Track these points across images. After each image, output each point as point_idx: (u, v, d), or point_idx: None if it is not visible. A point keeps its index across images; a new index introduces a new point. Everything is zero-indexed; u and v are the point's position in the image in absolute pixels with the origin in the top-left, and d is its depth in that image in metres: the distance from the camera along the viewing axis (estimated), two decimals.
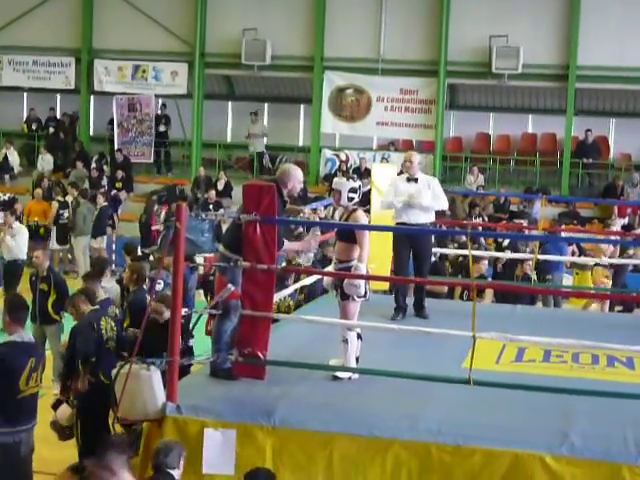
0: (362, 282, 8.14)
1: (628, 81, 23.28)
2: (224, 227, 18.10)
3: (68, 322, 11.10)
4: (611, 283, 16.05)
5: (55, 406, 9.04)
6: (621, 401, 7.18)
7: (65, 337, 10.48)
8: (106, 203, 21.80)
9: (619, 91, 24.23)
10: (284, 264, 10.41)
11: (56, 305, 12.18)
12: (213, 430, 7.02)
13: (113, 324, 9.05)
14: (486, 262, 14.17)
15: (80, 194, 22.07)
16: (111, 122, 26.81)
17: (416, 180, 10.76)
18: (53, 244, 21.71)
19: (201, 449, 6.99)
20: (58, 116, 28.17)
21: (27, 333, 7.67)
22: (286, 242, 8.34)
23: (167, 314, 8.18)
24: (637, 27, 22.79)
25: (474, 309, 6.89)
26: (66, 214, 21.63)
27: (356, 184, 8.50)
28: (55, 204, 21.96)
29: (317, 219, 17.41)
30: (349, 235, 8.31)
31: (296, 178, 8.09)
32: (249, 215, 7.31)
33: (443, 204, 10.96)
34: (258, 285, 7.40)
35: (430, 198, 10.69)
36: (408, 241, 10.77)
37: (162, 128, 26.54)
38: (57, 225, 21.73)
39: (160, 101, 26.94)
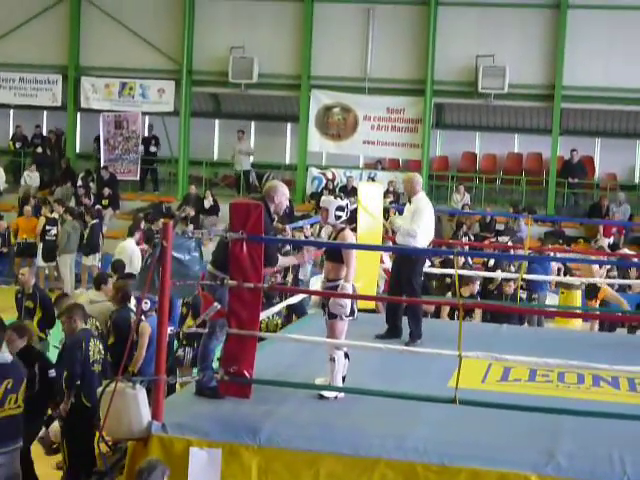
0: (348, 302, 8.13)
1: (613, 101, 23.43)
2: (209, 246, 18.21)
3: (55, 338, 11.08)
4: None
5: (47, 423, 9.01)
6: (607, 420, 7.18)
7: (50, 354, 10.43)
8: (97, 220, 21.71)
9: (604, 111, 24.39)
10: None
11: (41, 323, 12.05)
12: (198, 449, 6.99)
13: (101, 347, 8.99)
14: (478, 282, 14.18)
15: (66, 211, 21.99)
16: (97, 139, 26.82)
17: (410, 202, 10.83)
18: (39, 261, 21.60)
19: (186, 468, 6.95)
20: (44, 133, 28.14)
21: (4, 355, 7.59)
22: (280, 257, 8.33)
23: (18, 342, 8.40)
24: (622, 48, 22.95)
25: (460, 328, 6.89)
26: (54, 231, 21.54)
27: (344, 202, 8.52)
28: (42, 220, 21.88)
29: (303, 237, 17.42)
30: (337, 254, 8.31)
31: (283, 194, 8.11)
32: (236, 233, 7.31)
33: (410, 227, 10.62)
34: (244, 303, 7.38)
35: (408, 219, 10.68)
36: (395, 262, 10.85)
37: (152, 149, 26.58)
38: (44, 242, 21.60)
39: (147, 121, 26.95)
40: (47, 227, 21.58)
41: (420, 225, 10.56)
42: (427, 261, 12.96)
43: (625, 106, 23.69)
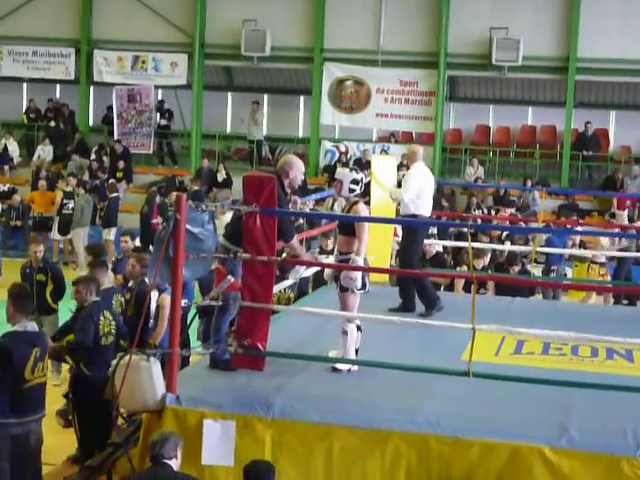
0: (359, 275, 8.12)
1: (628, 73, 23.27)
2: (223, 219, 18.19)
3: (64, 314, 11.13)
4: (610, 278, 16.06)
5: (67, 395, 9.08)
6: (620, 394, 7.17)
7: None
8: (115, 194, 21.72)
9: (619, 83, 24.23)
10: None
11: (54, 295, 12.15)
12: (212, 421, 7.02)
13: (112, 319, 9.00)
14: (489, 255, 14.15)
15: (79, 185, 22.03)
16: (106, 114, 26.86)
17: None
18: (55, 234, 21.70)
19: (200, 440, 7.00)
20: (58, 106, 28.12)
21: (31, 323, 7.71)
22: (295, 239, 8.23)
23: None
24: (637, 19, 22.76)
25: (474, 301, 6.89)
26: (71, 204, 21.58)
27: (359, 176, 8.50)
28: (60, 193, 21.94)
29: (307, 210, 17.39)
30: (349, 228, 8.29)
31: (298, 169, 8.08)
32: (249, 206, 7.30)
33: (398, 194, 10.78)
34: (258, 277, 7.38)
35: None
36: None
37: (163, 122, 26.56)
38: (60, 215, 21.67)
39: (160, 95, 26.93)
40: (64, 201, 21.64)
41: (408, 190, 10.57)
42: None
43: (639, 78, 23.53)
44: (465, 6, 23.67)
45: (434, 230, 15.26)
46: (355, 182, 8.43)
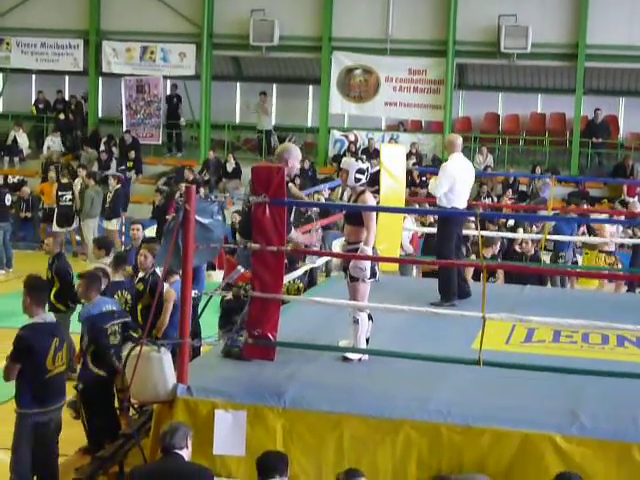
0: (368, 265, 8.12)
1: (637, 60, 23.16)
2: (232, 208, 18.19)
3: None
4: (620, 266, 15.99)
5: (77, 386, 9.11)
6: (631, 381, 7.18)
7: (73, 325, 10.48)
8: (119, 185, 21.70)
9: (628, 70, 24.13)
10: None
11: (58, 295, 11.58)
12: (224, 411, 7.04)
13: (120, 320, 8.98)
14: (499, 243, 14.13)
15: (88, 176, 22.02)
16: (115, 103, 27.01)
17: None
18: (54, 227, 21.56)
19: (212, 430, 7.02)
20: (67, 98, 28.16)
21: (49, 314, 7.82)
22: (293, 230, 8.28)
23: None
24: None
25: (484, 290, 6.89)
26: (68, 196, 21.45)
27: (364, 165, 8.48)
28: (55, 185, 21.86)
29: (322, 200, 17.37)
30: (357, 217, 8.28)
31: (295, 157, 8.05)
32: (258, 197, 7.30)
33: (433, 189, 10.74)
34: (267, 267, 7.38)
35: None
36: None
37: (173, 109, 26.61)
38: (58, 207, 21.51)
39: (169, 85, 26.94)
40: (60, 192, 21.51)
41: (440, 186, 10.56)
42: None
43: None
44: None
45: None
46: (361, 171, 8.42)
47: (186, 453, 6.28)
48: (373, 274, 8.21)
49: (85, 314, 8.87)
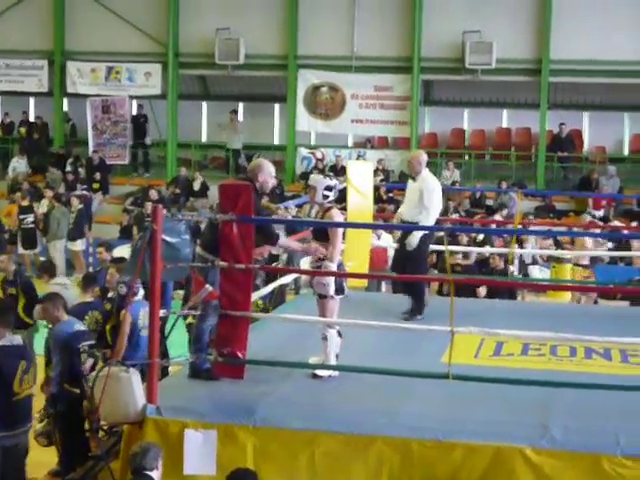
0: (331, 281, 8.12)
1: (601, 74, 23.35)
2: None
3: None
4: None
5: (48, 414, 8.99)
6: (599, 392, 7.22)
7: (39, 335, 10.42)
8: (82, 206, 21.59)
9: (592, 84, 24.32)
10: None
11: (27, 308, 11.82)
12: (194, 431, 7.01)
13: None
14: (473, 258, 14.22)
15: (54, 197, 21.89)
16: (68, 120, 27.02)
17: (414, 179, 10.76)
18: (19, 249, 21.41)
19: (182, 450, 6.98)
20: (31, 119, 28.01)
21: (16, 336, 7.75)
22: (283, 237, 8.29)
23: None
24: (609, 21, 22.87)
25: (452, 304, 6.90)
26: (30, 218, 21.31)
27: (332, 182, 8.50)
28: (15, 208, 21.72)
29: (289, 218, 17.35)
30: (323, 234, 8.29)
31: (268, 173, 8.07)
32: (225, 214, 7.29)
33: (424, 205, 10.57)
34: (236, 284, 7.38)
35: (417, 200, 10.62)
36: (401, 239, 10.86)
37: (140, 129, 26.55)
38: (21, 230, 21.35)
39: (135, 105, 26.87)
40: (21, 216, 21.34)
41: (432, 213, 10.58)
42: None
43: (612, 79, 23.60)
44: (437, 10, 23.72)
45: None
46: (329, 188, 8.43)
47: (156, 474, 6.24)
48: (341, 290, 8.21)
49: (62, 333, 8.77)
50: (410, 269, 10.67)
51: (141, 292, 9.31)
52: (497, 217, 19.60)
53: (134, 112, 26.83)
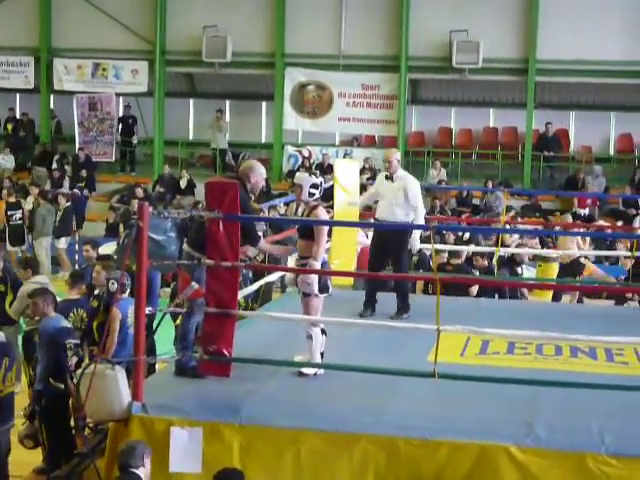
0: (315, 279, 8.11)
1: (587, 74, 23.45)
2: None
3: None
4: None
5: (32, 416, 8.96)
6: (585, 391, 7.24)
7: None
8: (69, 203, 21.54)
9: (578, 84, 24.40)
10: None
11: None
12: (179, 428, 6.99)
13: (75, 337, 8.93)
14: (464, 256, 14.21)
15: (40, 195, 21.84)
16: (53, 117, 26.96)
17: (392, 179, 10.71)
18: (7, 246, 21.37)
19: (168, 448, 6.97)
20: (17, 116, 27.93)
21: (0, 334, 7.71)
22: (263, 241, 8.28)
23: None
24: (596, 21, 22.96)
25: (438, 302, 6.91)
26: (18, 215, 21.28)
27: (318, 180, 8.49)
28: (2, 205, 21.67)
29: (277, 216, 17.37)
30: (309, 232, 8.28)
31: (260, 174, 8.11)
32: (212, 212, 7.29)
33: (415, 206, 10.60)
34: (222, 282, 7.37)
35: (401, 198, 10.60)
36: (382, 238, 10.78)
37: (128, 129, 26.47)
38: (9, 226, 21.32)
39: (121, 102, 26.82)
40: (9, 212, 21.31)
41: (421, 209, 10.67)
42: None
43: (599, 78, 23.70)
44: (425, 9, 23.77)
45: None
46: (315, 186, 8.42)
47: (143, 472, 6.24)
48: (326, 289, 8.21)
49: (48, 328, 8.76)
50: (396, 268, 10.71)
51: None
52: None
53: (122, 112, 26.75)
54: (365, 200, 11.53)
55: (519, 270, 14.84)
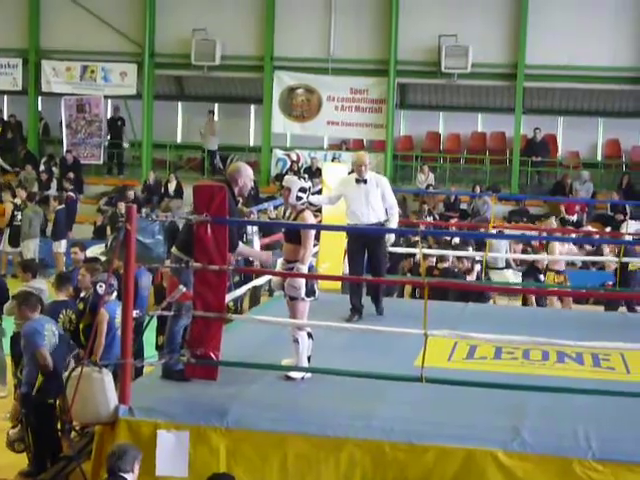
0: (302, 284, 8.11)
1: (575, 80, 23.53)
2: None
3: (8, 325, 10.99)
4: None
5: (20, 420, 8.91)
6: (571, 396, 7.25)
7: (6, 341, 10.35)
8: (62, 206, 21.48)
9: (567, 90, 24.49)
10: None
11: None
12: (166, 432, 6.98)
13: (55, 333, 8.89)
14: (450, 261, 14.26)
15: (27, 197, 21.78)
16: (40, 119, 26.82)
17: (365, 181, 10.72)
18: (5, 246, 21.36)
19: (154, 451, 6.95)
20: (5, 118, 27.84)
21: None
22: (242, 245, 8.27)
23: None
24: (584, 27, 23.01)
25: (425, 307, 6.92)
26: (20, 216, 21.31)
27: (306, 184, 8.49)
28: (10, 206, 21.64)
29: (267, 220, 17.37)
30: (296, 236, 8.28)
31: (247, 176, 8.09)
32: (200, 216, 7.28)
33: (391, 204, 10.79)
34: (210, 286, 7.36)
35: (379, 198, 10.65)
36: (361, 241, 10.76)
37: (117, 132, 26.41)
38: (11, 227, 21.28)
39: (110, 105, 26.77)
40: (15, 212, 21.28)
41: (395, 202, 10.84)
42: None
43: (587, 84, 23.78)
44: (414, 14, 23.79)
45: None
46: (303, 190, 8.42)
47: (131, 477, 6.20)
48: (312, 292, 8.20)
49: (30, 329, 8.72)
50: (375, 272, 10.74)
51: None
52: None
53: (111, 115, 26.71)
54: (324, 201, 11.12)
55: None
